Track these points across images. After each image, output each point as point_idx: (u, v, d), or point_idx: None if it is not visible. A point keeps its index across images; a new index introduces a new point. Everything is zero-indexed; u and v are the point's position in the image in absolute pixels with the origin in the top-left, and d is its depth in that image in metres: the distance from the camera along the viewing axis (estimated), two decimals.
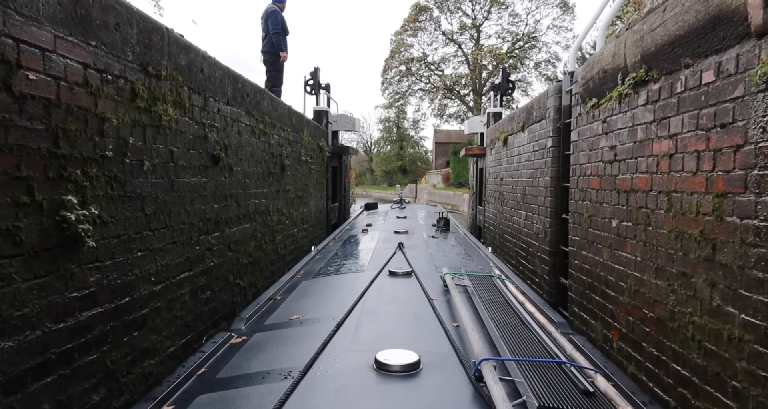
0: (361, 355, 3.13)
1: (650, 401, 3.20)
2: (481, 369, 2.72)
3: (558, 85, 5.77)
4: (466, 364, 2.94)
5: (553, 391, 2.63)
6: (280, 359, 3.37)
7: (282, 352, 3.52)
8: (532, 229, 6.68)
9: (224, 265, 4.84)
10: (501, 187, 8.94)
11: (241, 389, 2.94)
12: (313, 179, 9.22)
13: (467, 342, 3.35)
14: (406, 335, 3.61)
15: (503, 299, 4.73)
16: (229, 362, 3.49)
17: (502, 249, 8.66)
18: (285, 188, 7.23)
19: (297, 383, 2.71)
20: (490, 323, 3.82)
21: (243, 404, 2.76)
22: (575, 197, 4.95)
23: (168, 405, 2.97)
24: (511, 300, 4.72)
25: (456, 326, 3.84)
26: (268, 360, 3.38)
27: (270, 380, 2.99)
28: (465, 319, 3.72)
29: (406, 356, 2.95)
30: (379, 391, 2.71)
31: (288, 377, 2.97)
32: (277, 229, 6.77)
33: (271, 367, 3.20)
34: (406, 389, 2.72)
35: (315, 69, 11.73)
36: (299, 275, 6.30)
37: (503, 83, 11.86)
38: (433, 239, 8.83)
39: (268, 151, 6.35)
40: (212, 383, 3.18)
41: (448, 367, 2.98)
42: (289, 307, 4.77)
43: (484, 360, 2.78)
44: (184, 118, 3.93)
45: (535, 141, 6.57)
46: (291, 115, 7.61)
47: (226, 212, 4.88)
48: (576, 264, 4.87)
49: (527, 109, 7.12)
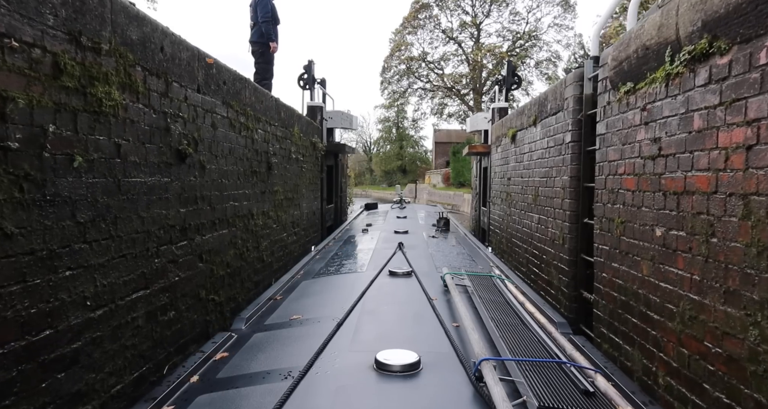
0: (361, 355, 3.11)
1: (650, 401, 3.12)
2: (481, 369, 2.69)
3: (578, 72, 5.08)
4: (466, 364, 2.91)
5: (553, 391, 2.62)
6: (280, 359, 3.34)
7: (282, 352, 3.48)
8: (546, 234, 5.98)
9: (194, 279, 4.14)
10: (508, 188, 8.25)
11: (241, 389, 2.92)
12: (305, 179, 8.53)
13: (467, 342, 3.32)
14: (406, 335, 3.58)
15: (503, 299, 4.67)
16: (229, 362, 3.46)
17: (510, 255, 7.96)
18: (272, 189, 6.53)
19: (297, 383, 2.69)
20: (490, 323, 3.78)
21: (243, 404, 2.74)
22: (602, 199, 4.26)
23: (168, 405, 2.93)
24: (511, 300, 4.66)
25: (456, 326, 3.78)
26: (268, 360, 3.36)
27: (270, 380, 2.96)
28: (465, 319, 3.67)
29: (406, 356, 2.93)
30: (379, 391, 2.69)
31: (288, 377, 2.94)
32: (262, 234, 6.08)
33: (271, 367, 3.17)
34: (406, 389, 2.70)
35: (309, 62, 11.10)
36: (299, 275, 6.19)
37: (509, 77, 11.22)
38: (433, 239, 8.65)
39: (251, 147, 5.65)
40: (212, 383, 3.16)
41: (448, 367, 2.96)
42: (289, 307, 4.72)
43: (484, 360, 2.75)
44: (136, 104, 3.24)
45: (550, 136, 5.88)
46: (279, 109, 6.91)
47: (197, 216, 4.19)
48: (604, 278, 4.17)
49: (540, 102, 6.43)
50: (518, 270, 7.28)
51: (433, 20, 44.41)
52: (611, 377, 3.32)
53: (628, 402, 2.64)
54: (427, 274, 5.50)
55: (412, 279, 5.20)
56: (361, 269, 6.12)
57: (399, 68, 46.31)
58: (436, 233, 9.68)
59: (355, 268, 6.34)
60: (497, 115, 10.41)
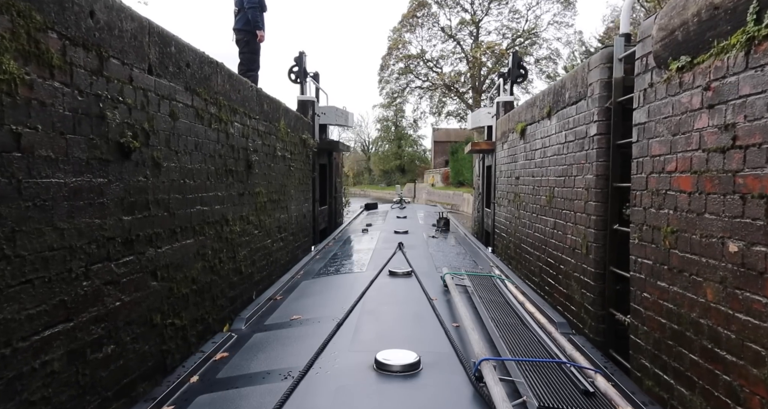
0: (361, 355, 3.09)
1: (650, 401, 3.07)
2: (481, 369, 2.67)
3: (606, 52, 4.32)
4: (466, 364, 2.89)
5: (553, 391, 2.60)
6: (280, 359, 3.33)
7: (282, 352, 3.47)
8: (564, 241, 5.23)
9: (144, 301, 3.38)
10: (517, 188, 7.50)
11: (241, 389, 2.91)
12: (294, 179, 7.77)
13: (467, 342, 3.31)
14: (406, 335, 3.58)
15: (503, 299, 4.66)
16: (229, 362, 3.43)
17: (519, 262, 7.21)
18: (253, 190, 5.77)
19: (297, 383, 2.68)
20: (490, 323, 3.77)
21: (243, 404, 2.73)
22: (642, 203, 3.50)
23: (168, 405, 2.91)
24: (511, 300, 4.64)
25: (456, 326, 3.75)
26: (268, 360, 3.34)
27: (270, 380, 2.95)
28: (465, 319, 3.65)
29: (406, 356, 2.91)
30: (379, 391, 2.68)
31: (288, 377, 2.93)
32: (240, 242, 5.31)
33: (271, 367, 3.17)
34: (406, 389, 2.70)
35: (300, 54, 10.32)
36: (299, 275, 6.15)
37: (514, 69, 10.42)
38: (433, 239, 8.58)
39: (225, 142, 4.89)
40: (212, 383, 3.14)
41: (448, 367, 2.94)
42: (289, 307, 4.70)
43: (484, 360, 2.73)
44: (49, 82, 2.47)
45: (569, 129, 5.13)
46: (261, 100, 6.14)
47: (149, 225, 3.43)
48: (646, 298, 3.42)
49: (555, 91, 5.68)
50: (529, 280, 6.52)
51: (432, 18, 43.66)
52: (611, 377, 3.26)
53: (628, 402, 2.62)
54: (427, 274, 5.45)
55: (412, 279, 5.15)
56: (361, 269, 6.08)
57: (397, 67, 45.54)
58: (436, 233, 9.45)
59: (355, 268, 6.32)
60: (502, 110, 9.65)
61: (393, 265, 5.75)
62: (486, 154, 10.66)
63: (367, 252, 7.26)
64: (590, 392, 2.63)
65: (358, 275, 5.68)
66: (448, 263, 6.45)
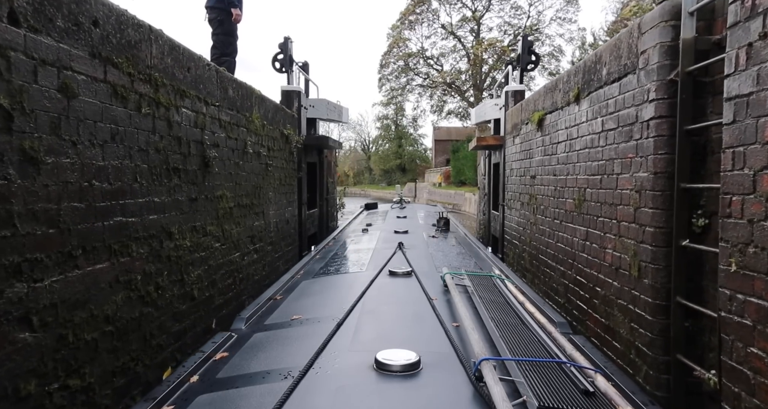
0: (361, 355, 3.06)
1: (650, 401, 3.01)
2: (481, 369, 2.65)
3: (667, 6, 3.18)
4: (466, 364, 2.87)
5: (553, 391, 2.58)
6: (280, 359, 3.28)
7: (282, 352, 3.43)
8: (602, 257, 4.12)
9: (4, 364, 2.25)
10: (532, 189, 6.43)
11: (241, 389, 2.87)
12: (272, 179, 6.77)
13: (467, 342, 3.27)
14: (406, 335, 3.57)
15: (503, 299, 4.66)
16: (229, 362, 3.37)
17: (537, 276, 6.13)
18: (213, 194, 4.70)
19: (297, 383, 2.65)
20: (490, 322, 3.74)
21: (243, 404, 2.69)
22: (741, 212, 2.41)
23: (168, 405, 2.84)
24: (511, 300, 4.62)
25: (456, 325, 3.71)
26: (268, 360, 3.29)
27: (270, 380, 2.92)
28: (465, 319, 3.62)
29: (406, 356, 2.88)
30: (379, 391, 2.65)
31: (288, 377, 2.89)
32: (191, 260, 4.23)
33: (271, 367, 3.13)
34: (406, 389, 2.68)
35: (285, 40, 9.18)
36: (299, 275, 6.10)
37: (524, 55, 9.34)
38: (433, 239, 8.49)
39: (166, 133, 3.82)
40: (212, 383, 3.08)
41: (448, 367, 2.92)
42: (289, 307, 4.66)
43: (484, 360, 2.72)
44: None
45: (608, 114, 4.04)
46: (225, 84, 5.02)
47: (13, 250, 2.30)
48: (750, 354, 2.32)
49: (586, 68, 4.57)
50: (551, 300, 5.40)
51: (432, 14, 42.55)
52: (611, 377, 3.21)
53: (628, 402, 2.57)
54: (427, 274, 5.42)
55: (412, 279, 5.12)
56: (361, 268, 6.05)
57: (397, 64, 44.45)
58: (436, 232, 9.31)
59: (355, 268, 6.29)
60: (512, 100, 8.57)
61: (393, 265, 5.70)
62: (493, 150, 9.65)
63: (367, 252, 7.18)
64: (590, 392, 2.62)
65: (358, 275, 5.65)
66: (448, 262, 6.38)
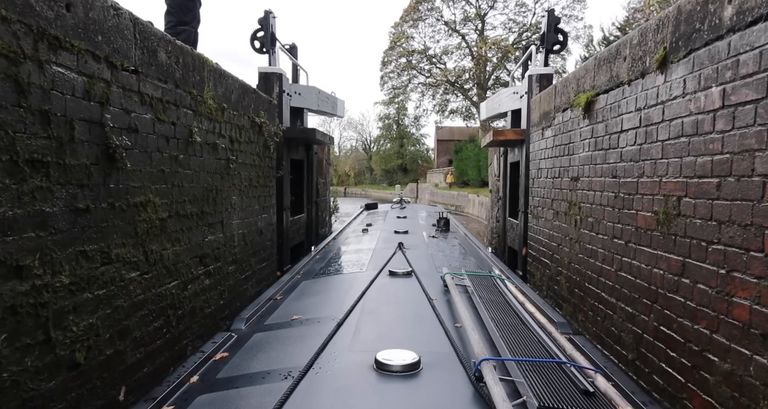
0: (361, 355, 3.10)
1: (650, 401, 3.03)
2: (481, 369, 2.67)
3: None
4: (466, 364, 2.90)
5: (553, 391, 2.60)
6: (280, 359, 3.33)
7: (282, 352, 3.47)
8: (723, 310, 2.59)
9: None
10: (573, 194, 5.00)
11: (241, 389, 2.91)
12: (238, 179, 5.35)
13: (467, 342, 3.30)
14: (406, 335, 3.58)
15: (503, 299, 4.64)
16: (229, 362, 3.42)
17: (580, 311, 4.68)
18: (127, 201, 3.20)
19: (297, 383, 2.68)
20: (490, 323, 3.75)
21: (243, 404, 2.73)
22: None
23: (168, 405, 2.90)
24: (511, 300, 4.62)
25: (456, 326, 3.72)
26: (268, 360, 3.33)
27: (270, 380, 2.96)
28: (465, 319, 3.63)
29: (406, 356, 2.92)
30: (379, 391, 2.69)
31: (288, 377, 2.93)
32: (71, 306, 2.64)
33: (271, 367, 3.17)
34: (406, 389, 2.70)
35: (266, 14, 7.43)
36: (299, 275, 6.15)
37: (550, 34, 7.42)
38: (433, 239, 8.55)
39: (13, 102, 2.28)
40: (212, 383, 3.13)
41: (448, 367, 2.95)
42: (289, 307, 4.69)
43: (484, 360, 2.74)
44: None
45: (737, 79, 2.50)
46: (150, 43, 3.52)
47: None
48: None
49: (681, 15, 3.04)
50: (611, 350, 3.98)
51: (435, 12, 42.42)
52: (611, 377, 3.24)
53: (628, 402, 2.61)
54: (427, 274, 5.45)
55: (412, 279, 5.17)
56: (361, 269, 6.08)
57: (399, 62, 44.35)
58: (436, 233, 9.32)
59: (355, 268, 6.31)
60: (537, 86, 7.03)
61: (393, 265, 5.72)
62: (511, 147, 8.15)
63: (367, 252, 7.18)
64: (590, 392, 2.64)
65: (358, 275, 5.66)
66: (448, 262, 6.37)
